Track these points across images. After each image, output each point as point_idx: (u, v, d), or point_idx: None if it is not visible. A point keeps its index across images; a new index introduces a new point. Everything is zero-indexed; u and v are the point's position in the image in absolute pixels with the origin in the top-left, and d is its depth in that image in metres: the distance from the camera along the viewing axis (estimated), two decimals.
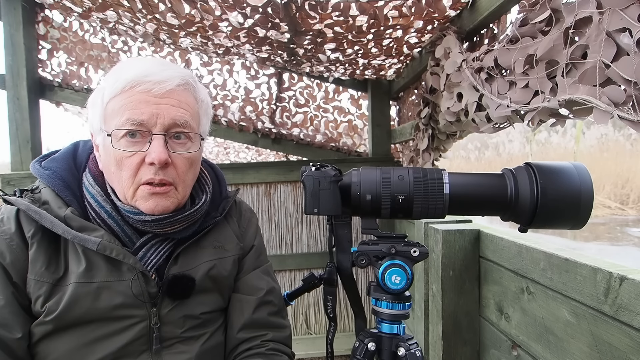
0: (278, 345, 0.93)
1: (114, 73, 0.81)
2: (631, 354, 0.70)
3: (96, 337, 0.79)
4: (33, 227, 0.78)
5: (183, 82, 0.81)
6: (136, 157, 0.78)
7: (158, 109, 0.77)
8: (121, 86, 0.77)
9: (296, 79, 2.60)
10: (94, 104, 0.82)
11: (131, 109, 0.76)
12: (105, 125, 0.79)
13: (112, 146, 0.77)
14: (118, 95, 0.77)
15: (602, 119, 0.68)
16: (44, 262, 0.77)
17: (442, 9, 1.31)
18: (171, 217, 0.82)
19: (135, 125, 0.76)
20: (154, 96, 0.77)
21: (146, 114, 0.76)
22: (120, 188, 0.80)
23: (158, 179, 0.78)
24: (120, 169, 0.78)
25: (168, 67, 0.82)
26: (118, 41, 2.48)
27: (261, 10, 1.38)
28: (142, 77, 0.77)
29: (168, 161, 0.78)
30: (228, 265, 0.93)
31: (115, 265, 0.80)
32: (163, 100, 0.78)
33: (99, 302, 0.78)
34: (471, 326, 1.27)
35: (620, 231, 8.95)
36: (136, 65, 0.80)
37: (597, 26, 0.70)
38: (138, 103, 0.76)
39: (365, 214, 0.76)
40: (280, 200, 2.51)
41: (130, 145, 0.77)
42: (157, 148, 0.77)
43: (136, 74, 0.77)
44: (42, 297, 0.76)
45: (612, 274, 0.73)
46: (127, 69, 0.79)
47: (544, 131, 16.31)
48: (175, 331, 0.84)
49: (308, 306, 2.55)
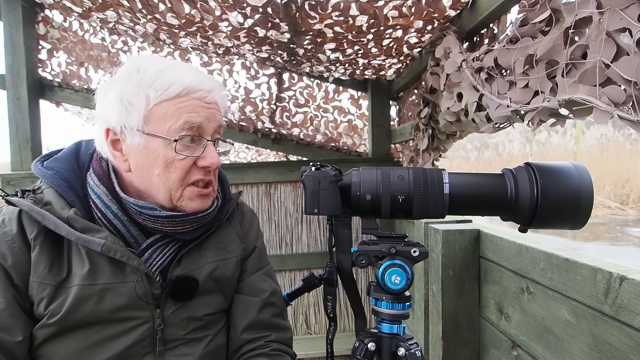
0: (281, 346, 0.94)
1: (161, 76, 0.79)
2: (631, 354, 0.70)
3: (100, 339, 0.79)
4: (36, 229, 0.77)
5: (223, 92, 0.88)
6: (189, 160, 0.81)
7: (210, 114, 0.82)
8: (177, 91, 0.79)
9: (296, 79, 2.60)
10: (128, 104, 0.79)
11: (189, 112, 0.79)
12: (148, 127, 0.79)
13: (174, 150, 0.79)
14: (172, 99, 0.79)
15: (602, 119, 0.68)
16: (46, 264, 0.76)
17: (442, 9, 1.31)
18: (184, 216, 0.83)
19: (193, 130, 0.80)
20: (206, 102, 0.82)
21: (202, 117, 0.81)
22: (166, 189, 0.82)
23: (207, 180, 0.85)
24: (169, 170, 0.81)
25: (209, 77, 0.88)
26: (118, 41, 2.48)
27: (261, 10, 1.38)
28: (197, 84, 0.80)
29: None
30: (231, 266, 0.93)
31: (119, 267, 0.79)
32: (212, 106, 0.83)
33: (102, 304, 0.78)
34: (471, 326, 1.27)
35: (620, 231, 8.95)
36: (188, 71, 0.82)
37: (597, 26, 0.70)
38: (195, 107, 0.80)
39: (365, 214, 0.76)
40: (280, 200, 2.51)
41: (185, 149, 0.80)
42: (213, 153, 0.83)
43: (192, 80, 0.80)
44: (45, 300, 0.76)
45: (612, 274, 0.73)
46: (181, 74, 0.80)
47: (544, 131, 16.32)
48: (179, 333, 0.84)
49: (308, 306, 2.55)
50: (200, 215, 0.85)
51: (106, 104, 0.82)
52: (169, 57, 2.46)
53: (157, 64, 0.82)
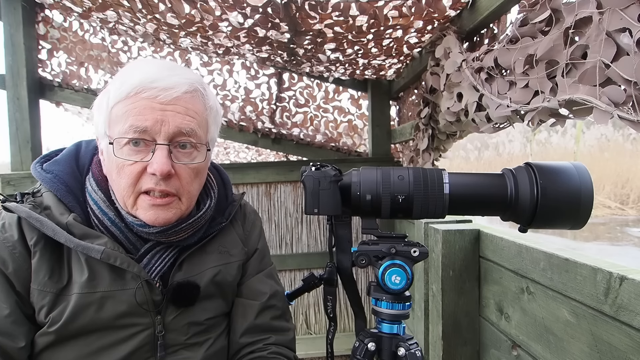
0: (280, 348, 0.92)
1: (120, 76, 0.78)
2: (631, 354, 0.70)
3: (100, 347, 0.78)
4: (35, 235, 0.75)
5: (191, 88, 0.78)
6: (138, 165, 0.75)
7: (163, 116, 0.74)
8: (126, 91, 0.74)
9: (296, 79, 2.60)
10: (99, 108, 0.79)
11: (135, 115, 0.73)
12: (110, 131, 0.77)
13: (113, 154, 0.75)
14: (123, 101, 0.75)
15: (602, 119, 0.68)
16: (47, 271, 0.75)
17: (442, 9, 1.31)
18: (175, 227, 0.79)
19: (138, 133, 0.73)
20: (159, 103, 0.74)
21: (150, 120, 0.73)
22: (120, 196, 0.78)
23: (159, 190, 0.75)
24: (120, 176, 0.76)
25: (176, 72, 0.78)
26: (118, 41, 2.48)
27: (261, 10, 1.38)
28: (148, 82, 0.74)
29: (171, 172, 0.75)
30: (233, 270, 0.91)
31: (119, 274, 0.78)
32: (169, 107, 0.74)
33: (102, 311, 0.76)
34: (471, 326, 1.27)
35: (620, 231, 8.95)
36: (143, 69, 0.77)
37: (597, 26, 0.70)
38: (142, 109, 0.73)
39: (365, 214, 0.76)
40: (280, 200, 2.51)
41: (133, 154, 0.75)
42: (159, 159, 0.74)
43: (142, 79, 0.74)
44: (46, 308, 0.75)
45: (612, 274, 0.73)
46: (134, 73, 0.76)
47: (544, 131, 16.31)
48: (180, 338, 0.83)
49: (308, 306, 2.55)
50: (192, 220, 0.81)
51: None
52: (168, 57, 2.46)
53: (130, 66, 0.80)
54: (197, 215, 0.83)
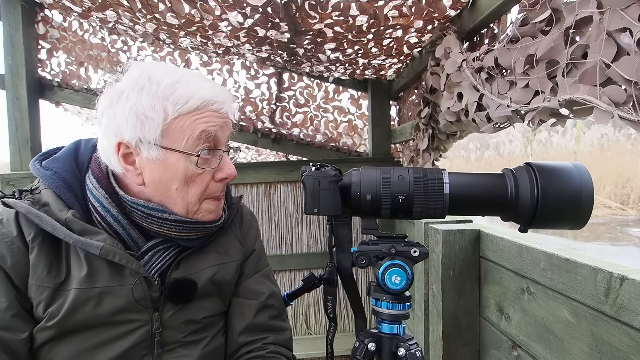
0: (279, 347, 0.93)
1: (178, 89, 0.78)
2: (631, 354, 0.70)
3: (98, 343, 0.78)
4: (33, 231, 0.76)
5: (234, 103, 0.89)
6: (207, 174, 0.82)
7: (224, 124, 0.83)
8: (196, 104, 0.78)
9: (296, 79, 2.60)
10: (144, 116, 0.77)
11: (205, 123, 0.79)
12: (165, 140, 0.78)
13: (195, 165, 0.79)
14: (191, 113, 0.78)
15: (602, 119, 0.68)
16: (45, 266, 0.76)
17: (442, 8, 1.31)
18: (193, 223, 0.83)
19: (209, 141, 0.80)
20: (221, 114, 0.82)
21: (217, 127, 0.81)
22: (184, 203, 0.82)
23: (222, 193, 0.87)
24: (189, 185, 0.81)
25: (222, 87, 0.88)
26: (118, 41, 2.48)
27: (261, 10, 1.38)
28: (213, 96, 0.80)
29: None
30: (231, 270, 0.92)
31: (118, 270, 0.79)
32: (225, 116, 0.84)
33: (101, 307, 0.77)
34: (471, 326, 1.27)
35: (621, 231, 8.94)
36: (204, 84, 0.82)
37: (597, 26, 0.70)
38: (211, 118, 0.80)
39: (365, 214, 0.76)
40: (280, 200, 2.51)
41: (203, 163, 0.81)
42: (230, 164, 0.85)
43: (209, 93, 0.80)
44: (44, 303, 0.75)
45: (613, 274, 0.73)
46: (197, 86, 0.80)
47: (544, 131, 16.32)
48: (177, 336, 0.84)
49: (308, 306, 2.55)
50: (209, 225, 0.86)
51: (115, 115, 0.78)
52: (168, 57, 2.46)
53: (170, 75, 0.80)
54: (216, 223, 0.88)
